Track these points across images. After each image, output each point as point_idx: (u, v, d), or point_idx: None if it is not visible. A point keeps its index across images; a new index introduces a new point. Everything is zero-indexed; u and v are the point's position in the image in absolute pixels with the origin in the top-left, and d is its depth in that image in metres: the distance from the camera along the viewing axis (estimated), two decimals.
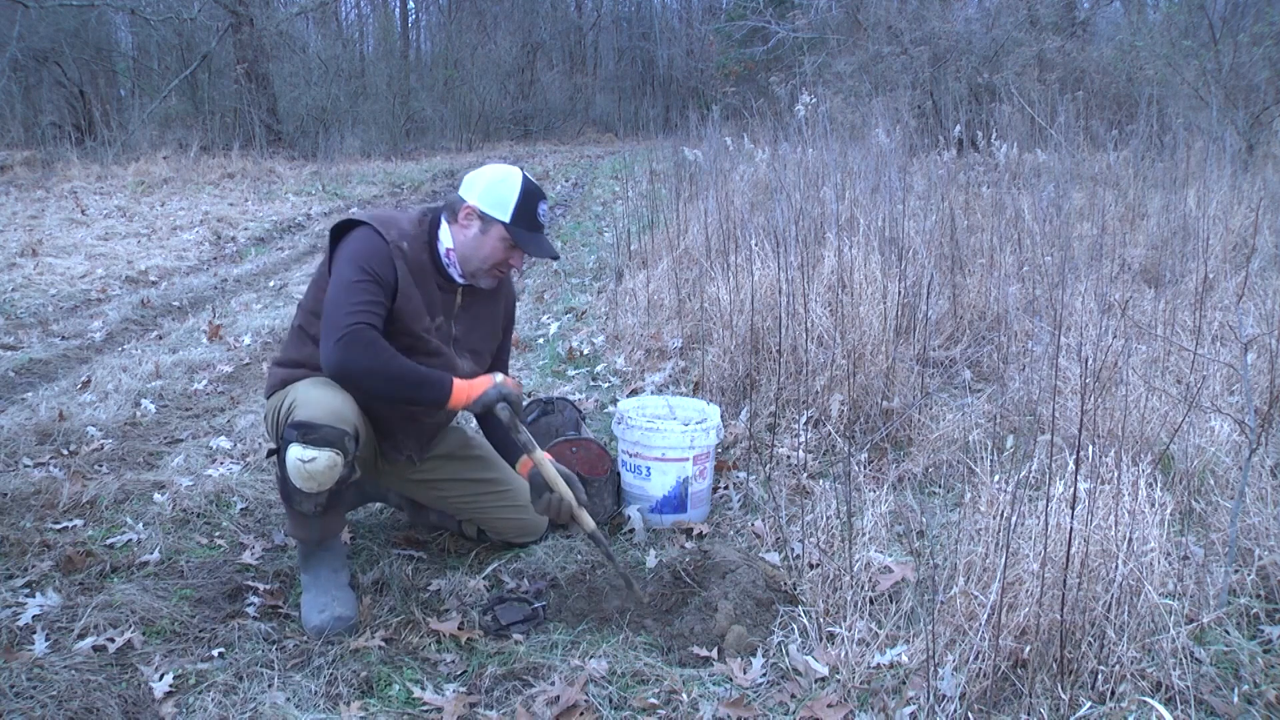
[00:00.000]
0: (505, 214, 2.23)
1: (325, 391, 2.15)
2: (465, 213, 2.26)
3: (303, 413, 2.09)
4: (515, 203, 2.24)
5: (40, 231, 8.07)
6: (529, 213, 2.25)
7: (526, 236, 2.25)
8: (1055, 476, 2.11)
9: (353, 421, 2.14)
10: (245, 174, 12.98)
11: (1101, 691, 1.79)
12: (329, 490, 2.14)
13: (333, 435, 2.08)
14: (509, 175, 2.27)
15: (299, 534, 2.24)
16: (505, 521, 2.54)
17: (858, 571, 2.20)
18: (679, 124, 11.09)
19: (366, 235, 2.22)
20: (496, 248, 2.26)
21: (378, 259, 2.18)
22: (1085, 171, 6.97)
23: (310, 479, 2.09)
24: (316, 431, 2.06)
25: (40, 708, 1.81)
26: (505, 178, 2.26)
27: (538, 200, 2.27)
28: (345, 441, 2.10)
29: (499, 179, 2.26)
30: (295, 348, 2.34)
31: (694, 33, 28.39)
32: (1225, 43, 8.67)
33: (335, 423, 2.08)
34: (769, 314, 3.66)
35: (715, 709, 1.86)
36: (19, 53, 14.72)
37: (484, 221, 2.25)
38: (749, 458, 3.08)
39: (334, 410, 2.10)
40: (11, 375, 4.19)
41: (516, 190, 2.24)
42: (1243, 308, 3.58)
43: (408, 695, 1.94)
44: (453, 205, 2.28)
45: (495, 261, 2.28)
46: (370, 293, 2.15)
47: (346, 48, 22.57)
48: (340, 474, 2.12)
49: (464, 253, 2.28)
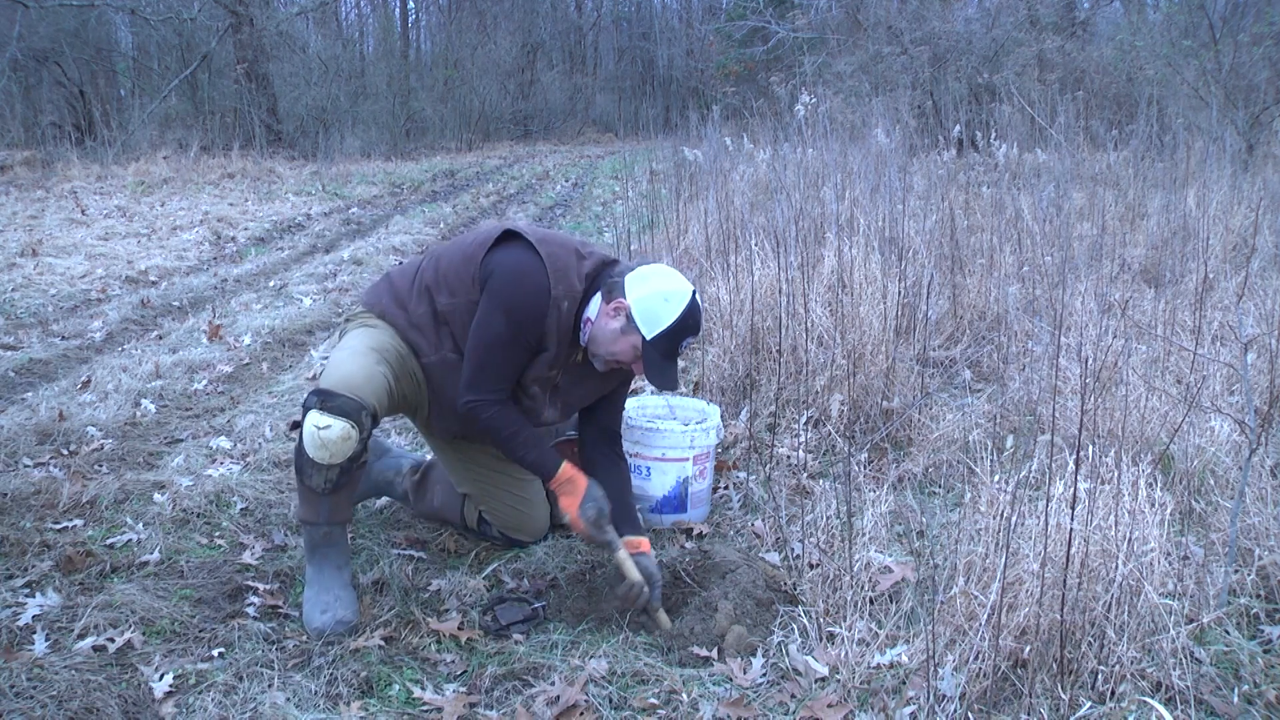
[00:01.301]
0: (650, 332, 2.18)
1: (358, 361, 2.19)
2: (616, 306, 2.21)
3: (328, 380, 2.15)
4: (666, 328, 2.18)
5: (40, 231, 8.07)
6: (672, 343, 2.20)
7: (656, 361, 2.20)
8: (1055, 476, 2.11)
9: (373, 401, 2.16)
10: (245, 174, 12.98)
11: (1101, 691, 1.79)
12: (340, 466, 2.15)
13: (350, 407, 2.11)
14: (676, 295, 2.19)
15: (308, 515, 2.24)
16: (506, 510, 2.53)
17: (858, 571, 2.20)
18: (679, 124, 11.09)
19: (535, 281, 2.19)
20: (626, 352, 2.23)
21: (534, 315, 2.19)
22: (1085, 171, 6.97)
23: (323, 447, 2.11)
24: (334, 400, 2.10)
25: (40, 708, 1.81)
26: (671, 296, 2.19)
27: (687, 335, 2.21)
28: (362, 416, 2.12)
29: (665, 294, 2.19)
30: (410, 299, 2.34)
31: (694, 33, 28.41)
32: (1225, 43, 8.67)
33: (354, 395, 2.12)
34: (769, 314, 3.66)
35: (715, 709, 1.86)
36: (19, 53, 14.72)
37: (628, 324, 2.20)
38: (749, 458, 3.08)
39: (356, 385, 2.14)
40: (11, 375, 4.19)
41: (674, 318, 2.18)
42: (1243, 308, 3.58)
43: (408, 695, 1.94)
44: (612, 288, 2.23)
45: (619, 359, 2.25)
46: (515, 360, 2.23)
47: (346, 48, 22.57)
48: (353, 449, 2.14)
49: (598, 335, 2.25)
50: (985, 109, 9.82)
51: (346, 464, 2.16)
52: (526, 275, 2.20)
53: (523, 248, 2.24)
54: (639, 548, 2.27)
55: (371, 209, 10.76)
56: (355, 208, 10.79)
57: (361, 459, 2.21)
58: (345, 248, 7.92)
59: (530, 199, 11.77)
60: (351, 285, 6.35)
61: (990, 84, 10.54)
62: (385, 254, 7.53)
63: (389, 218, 9.87)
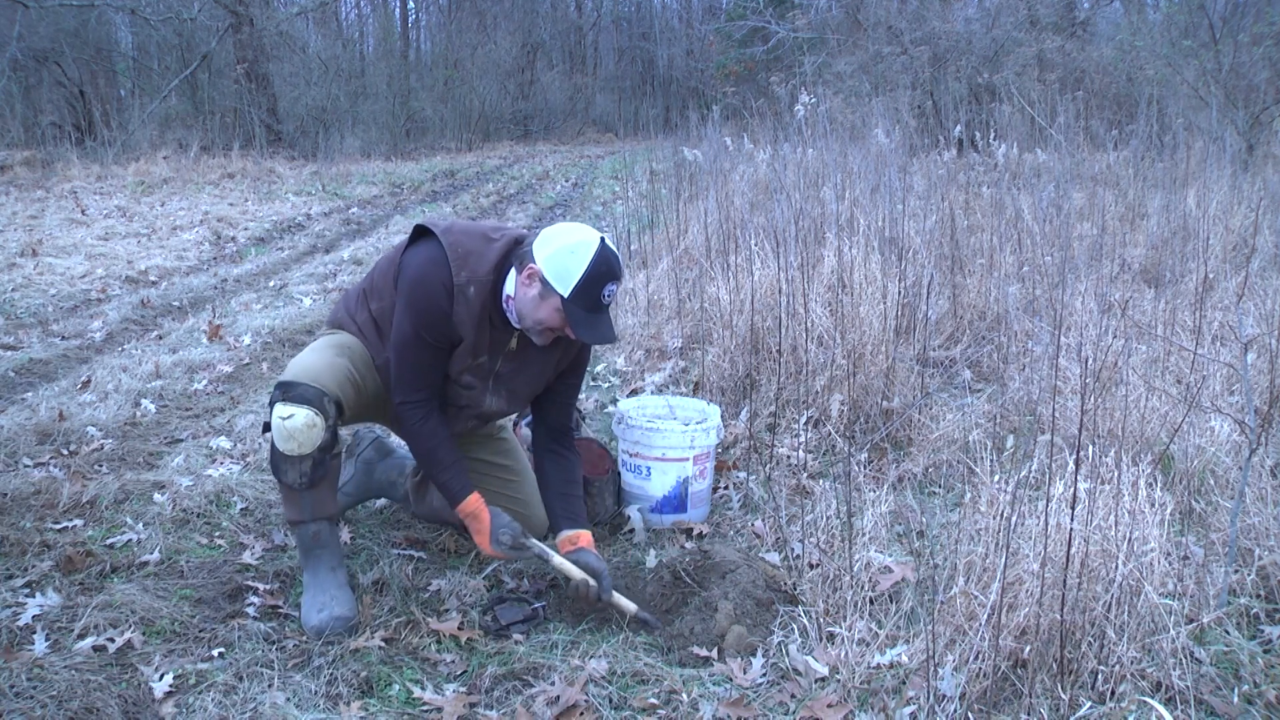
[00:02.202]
0: (565, 288, 2.09)
1: (318, 354, 2.25)
2: (529, 272, 2.13)
3: (288, 372, 2.18)
4: (579, 279, 2.08)
5: (40, 231, 8.07)
6: (591, 293, 2.10)
7: (581, 316, 2.12)
8: (1055, 476, 2.11)
9: (335, 388, 2.17)
10: (245, 174, 12.98)
11: (1101, 691, 1.79)
12: (312, 458, 2.16)
13: (310, 394, 2.13)
14: (581, 246, 2.11)
15: (292, 515, 2.25)
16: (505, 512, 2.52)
17: (858, 571, 2.20)
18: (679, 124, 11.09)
19: (433, 268, 2.18)
20: (551, 316, 2.15)
21: (436, 311, 2.17)
22: (1085, 171, 6.97)
23: (289, 438, 2.13)
24: (295, 389, 2.14)
25: (40, 708, 1.81)
26: (576, 248, 2.11)
27: (605, 281, 2.11)
28: (324, 403, 2.14)
29: (570, 248, 2.11)
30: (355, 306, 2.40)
31: (694, 33, 28.41)
32: (1225, 43, 8.67)
33: (312, 383, 2.15)
34: (769, 314, 3.66)
35: (715, 709, 1.86)
36: (19, 53, 14.72)
37: (544, 287, 2.12)
38: (749, 458, 3.08)
39: (317, 373, 2.17)
40: (11, 375, 4.19)
41: (584, 266, 2.09)
42: (1243, 308, 3.58)
43: (408, 695, 1.94)
44: (523, 259, 2.15)
45: (548, 326, 2.18)
46: (427, 358, 2.22)
47: (346, 48, 22.57)
48: (320, 438, 2.15)
49: (520, 309, 2.20)
50: (985, 109, 9.82)
51: (317, 454, 2.17)
52: (428, 272, 2.18)
53: (429, 244, 2.23)
54: (576, 543, 2.28)
55: (371, 209, 10.76)
56: (355, 208, 10.79)
57: (334, 449, 2.22)
58: (345, 248, 7.92)
59: (530, 199, 11.76)
60: (351, 285, 6.35)
61: (990, 84, 10.54)
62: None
63: (389, 218, 9.87)
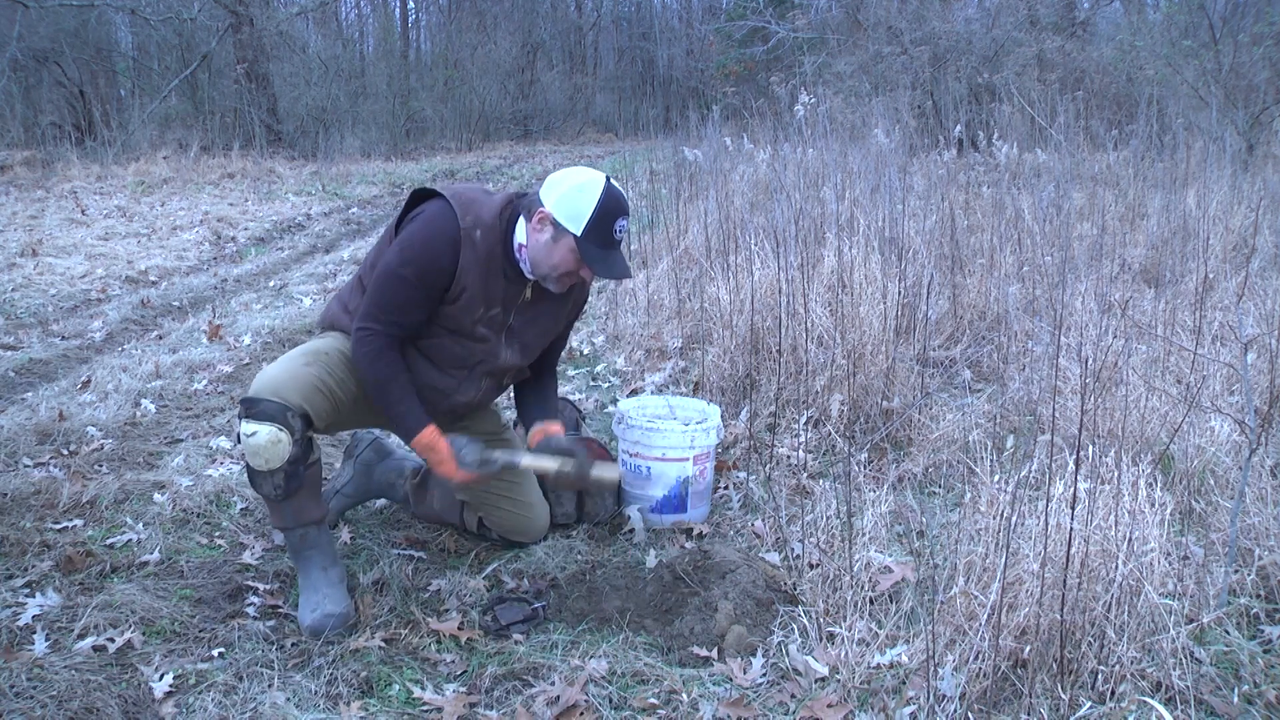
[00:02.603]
0: (578, 227, 2.14)
1: (282, 366, 2.20)
2: (539, 217, 2.17)
3: (252, 388, 2.15)
4: (590, 216, 2.13)
5: (40, 231, 8.06)
6: (604, 229, 2.15)
7: (596, 254, 2.16)
8: (1055, 476, 2.10)
9: (298, 400, 2.13)
10: (245, 174, 12.97)
11: (1101, 691, 1.79)
12: (283, 471, 2.14)
13: (272, 409, 2.10)
14: (588, 184, 2.16)
15: (276, 522, 2.26)
16: (506, 515, 2.53)
17: (858, 571, 2.20)
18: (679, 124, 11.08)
19: (439, 215, 2.18)
20: (566, 258, 2.18)
21: (436, 250, 2.15)
22: (1085, 171, 6.97)
23: (256, 454, 2.11)
24: (256, 406, 2.11)
25: (40, 708, 1.81)
26: (584, 186, 2.16)
27: (616, 216, 2.16)
28: (287, 417, 2.11)
29: (578, 187, 2.16)
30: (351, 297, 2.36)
31: (694, 33, 28.38)
32: (1225, 43, 8.67)
33: (274, 398, 2.11)
34: (769, 314, 3.66)
35: (715, 709, 1.86)
36: (19, 53, 14.71)
37: (556, 230, 2.16)
38: (749, 458, 3.08)
39: (279, 386, 2.12)
40: (11, 375, 4.19)
41: (594, 203, 2.13)
42: (1243, 308, 3.58)
43: (408, 695, 1.94)
44: (530, 205, 2.21)
45: (564, 271, 2.20)
46: (406, 296, 2.17)
47: (346, 48, 22.56)
48: (287, 451, 2.12)
49: (534, 256, 2.21)
50: (985, 109, 9.82)
51: (288, 467, 2.14)
52: (434, 220, 2.19)
53: (432, 200, 2.24)
54: (546, 432, 2.30)
55: (371, 209, 10.76)
56: (355, 208, 10.79)
57: (309, 459, 2.21)
58: (345, 248, 7.92)
59: None
60: None
61: (990, 84, 10.54)
62: None
63: (389, 218, 9.83)
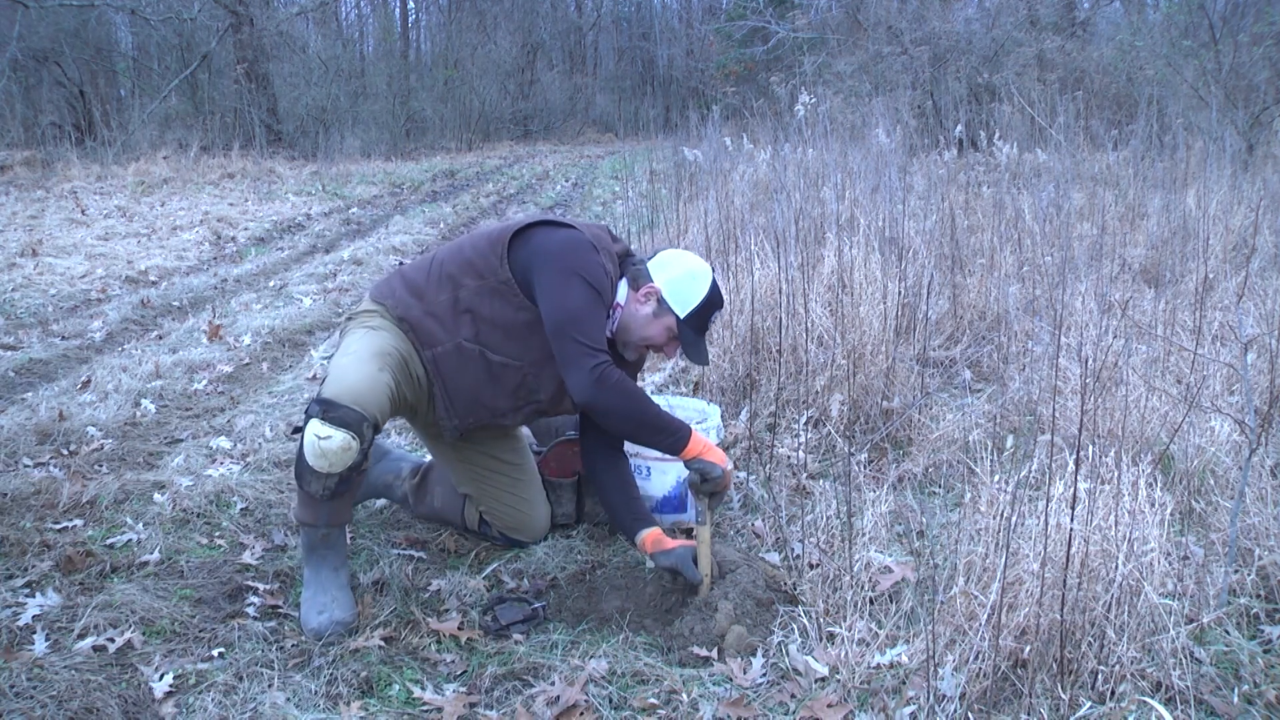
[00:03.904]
0: (683, 310, 2.32)
1: (362, 370, 2.17)
2: (647, 291, 2.33)
3: (330, 389, 2.12)
4: (697, 306, 2.32)
5: (40, 231, 8.07)
6: (703, 319, 2.35)
7: (692, 339, 2.34)
8: (1055, 476, 2.11)
9: (375, 411, 2.14)
10: (245, 174, 12.98)
11: (1101, 691, 1.79)
12: (340, 475, 2.14)
13: (351, 418, 2.09)
14: (700, 274, 2.35)
15: (305, 517, 2.23)
16: (507, 510, 2.53)
17: (858, 571, 2.20)
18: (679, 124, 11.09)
19: (585, 243, 2.24)
20: (660, 335, 2.34)
21: (604, 277, 2.25)
22: (1085, 171, 6.97)
23: (322, 457, 2.10)
24: (337, 411, 2.09)
25: (40, 708, 1.81)
26: (697, 275, 2.34)
27: (715, 309, 2.36)
28: (363, 428, 2.11)
29: (691, 274, 2.34)
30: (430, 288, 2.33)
31: (694, 33, 28.40)
32: (1225, 43, 8.67)
33: (356, 406, 2.11)
34: (769, 314, 3.66)
35: (715, 709, 1.86)
36: (19, 53, 14.72)
37: (659, 307, 2.32)
38: (749, 458, 3.08)
39: (360, 394, 2.12)
40: (11, 375, 4.19)
41: (703, 295, 2.32)
42: (1243, 308, 3.58)
43: (408, 695, 1.94)
44: (638, 274, 2.34)
45: (652, 343, 2.37)
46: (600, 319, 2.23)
47: (346, 48, 22.60)
48: (353, 459, 2.13)
49: (628, 322, 2.35)
50: (985, 109, 9.82)
51: (346, 473, 2.15)
52: (575, 241, 2.26)
53: (555, 228, 2.30)
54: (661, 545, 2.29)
55: (371, 209, 10.76)
56: (355, 208, 10.79)
57: (362, 467, 2.21)
58: (345, 248, 7.92)
59: (530, 199, 11.76)
60: (351, 285, 6.36)
61: (990, 84, 10.54)
62: (385, 254, 7.53)
63: (389, 218, 9.87)
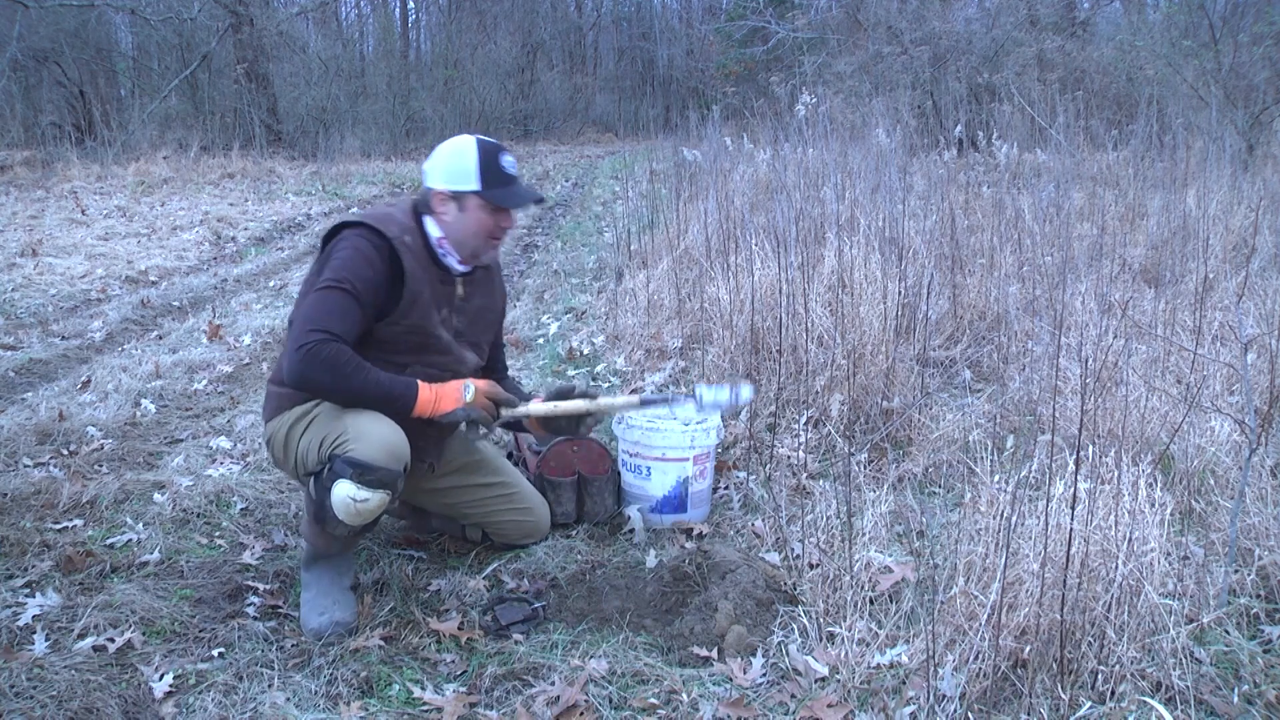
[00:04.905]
0: (474, 183, 2.21)
1: (381, 425, 2.08)
2: (438, 199, 2.24)
3: (360, 450, 2.03)
4: (478, 168, 2.21)
5: (40, 231, 8.07)
6: (495, 170, 2.23)
7: (503, 194, 2.23)
8: (1055, 476, 2.10)
9: (405, 458, 2.11)
10: (245, 174, 12.99)
11: (1101, 691, 1.79)
12: (370, 521, 2.15)
13: (389, 478, 2.06)
14: (459, 146, 2.25)
15: (320, 546, 2.22)
16: (511, 524, 2.54)
17: (858, 571, 2.20)
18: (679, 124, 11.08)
19: (362, 236, 2.17)
20: (481, 218, 2.24)
21: (364, 267, 2.13)
22: (1085, 171, 6.97)
23: (358, 516, 2.07)
24: (374, 473, 2.03)
25: (40, 708, 1.81)
26: (459, 149, 2.24)
27: (498, 155, 2.24)
28: (398, 483, 2.10)
29: (454, 153, 2.24)
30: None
31: (694, 33, 28.36)
32: (1225, 43, 8.67)
33: (393, 464, 2.06)
34: (769, 314, 3.65)
35: (715, 709, 1.85)
36: (19, 53, 14.72)
37: (458, 200, 2.23)
38: (749, 458, 3.07)
39: (392, 450, 2.07)
40: (11, 375, 4.19)
41: (474, 155, 2.21)
42: (1243, 308, 3.58)
43: (408, 695, 1.94)
44: (425, 198, 2.27)
45: (487, 232, 2.26)
46: (341, 302, 2.10)
47: (346, 48, 22.58)
48: (385, 508, 2.13)
49: (455, 237, 2.26)
50: (985, 109, 9.82)
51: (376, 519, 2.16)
52: (354, 237, 2.18)
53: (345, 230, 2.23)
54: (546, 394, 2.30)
55: (367, 209, 10.75)
56: (355, 208, 10.78)
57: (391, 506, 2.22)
58: None
59: None
60: None
61: (990, 84, 10.54)
62: None
63: None
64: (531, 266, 7.17)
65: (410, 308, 2.20)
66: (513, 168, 2.27)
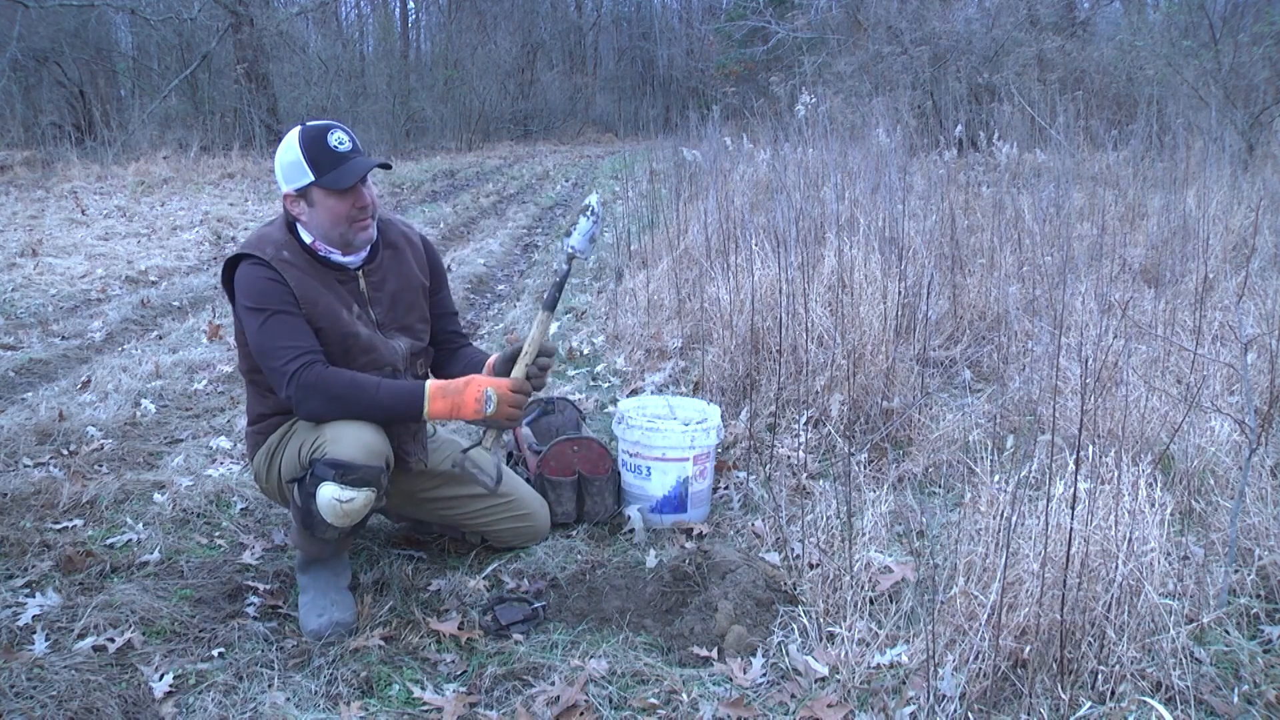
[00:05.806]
0: (308, 175, 2.16)
1: (357, 426, 2.10)
2: (290, 203, 2.22)
3: (339, 451, 2.05)
4: (306, 159, 2.16)
5: (40, 231, 8.07)
6: (325, 154, 2.16)
7: (337, 175, 2.16)
8: (1055, 476, 2.10)
9: (385, 454, 2.12)
10: (245, 174, 12.99)
11: (1101, 691, 1.79)
12: (359, 522, 2.15)
13: (371, 475, 2.07)
14: (288, 141, 2.21)
15: (312, 551, 2.22)
16: (511, 530, 2.54)
17: (858, 571, 2.20)
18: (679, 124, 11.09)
19: (250, 265, 2.19)
20: (331, 206, 2.19)
21: (267, 286, 2.15)
22: (1085, 171, 6.98)
23: (345, 517, 2.08)
24: (355, 472, 2.05)
25: (40, 708, 1.81)
26: (286, 146, 2.20)
27: (325, 137, 2.18)
28: (381, 479, 2.11)
29: (283, 151, 2.20)
30: (259, 402, 2.32)
31: (694, 33, 28.39)
32: (1225, 43, 8.68)
33: (373, 461, 2.07)
34: (769, 314, 3.66)
35: (715, 709, 1.86)
36: (19, 53, 14.73)
37: (304, 196, 2.19)
38: (749, 458, 3.07)
39: (370, 447, 2.08)
40: (11, 375, 4.19)
41: (299, 148, 2.17)
42: (1243, 308, 3.58)
43: (408, 695, 1.94)
44: (284, 204, 2.26)
45: (346, 216, 2.20)
46: (285, 323, 2.13)
47: (346, 48, 22.59)
48: (373, 506, 2.14)
49: (320, 233, 2.23)
50: (985, 109, 9.82)
51: (365, 519, 2.17)
52: (241, 272, 2.19)
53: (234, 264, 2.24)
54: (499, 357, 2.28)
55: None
56: None
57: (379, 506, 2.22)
58: None
59: (530, 199, 11.76)
60: None
61: (990, 84, 10.54)
62: None
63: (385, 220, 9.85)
64: (531, 266, 7.17)
65: (315, 317, 2.19)
66: (344, 144, 2.19)
